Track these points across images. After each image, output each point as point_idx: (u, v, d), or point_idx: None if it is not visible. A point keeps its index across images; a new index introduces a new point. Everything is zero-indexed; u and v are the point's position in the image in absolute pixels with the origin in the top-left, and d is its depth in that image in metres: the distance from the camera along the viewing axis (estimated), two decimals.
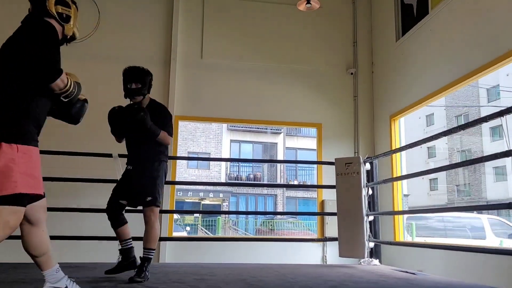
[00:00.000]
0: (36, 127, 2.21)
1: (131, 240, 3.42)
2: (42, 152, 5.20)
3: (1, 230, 2.07)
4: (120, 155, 4.60)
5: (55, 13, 2.36)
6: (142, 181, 3.28)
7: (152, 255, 3.26)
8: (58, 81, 2.19)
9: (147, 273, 3.16)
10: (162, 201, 3.43)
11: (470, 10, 4.93)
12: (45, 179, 5.30)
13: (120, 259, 3.40)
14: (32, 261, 2.30)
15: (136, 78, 3.39)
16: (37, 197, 2.15)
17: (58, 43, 2.38)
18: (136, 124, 3.19)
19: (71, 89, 2.35)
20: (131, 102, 3.45)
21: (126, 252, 3.38)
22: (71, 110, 2.49)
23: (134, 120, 3.18)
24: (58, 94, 2.27)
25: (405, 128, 6.83)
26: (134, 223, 3.78)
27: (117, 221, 3.37)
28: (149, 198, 3.23)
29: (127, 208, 3.50)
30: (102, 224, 5.29)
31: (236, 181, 22.57)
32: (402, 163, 6.46)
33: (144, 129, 3.20)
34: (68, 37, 2.57)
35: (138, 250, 3.45)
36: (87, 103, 2.68)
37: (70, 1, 2.51)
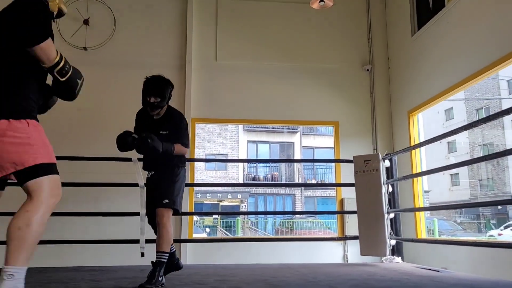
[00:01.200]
0: (36, 103, 2.25)
1: (173, 244, 3.37)
2: (62, 158, 5.31)
3: (53, 198, 2.07)
4: (140, 159, 4.65)
5: None
6: (162, 185, 3.29)
7: (165, 258, 3.14)
8: (43, 45, 2.03)
9: (159, 279, 3.03)
10: (181, 206, 3.42)
11: (486, 2, 4.83)
12: (65, 184, 5.40)
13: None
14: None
15: (156, 92, 3.34)
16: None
17: (47, 14, 2.23)
18: (149, 152, 3.20)
19: (62, 64, 2.17)
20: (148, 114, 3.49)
21: (169, 256, 3.31)
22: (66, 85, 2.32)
23: (146, 149, 3.15)
24: (50, 70, 2.15)
25: (424, 123, 6.75)
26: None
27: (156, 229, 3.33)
28: (166, 201, 3.20)
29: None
30: (122, 227, 5.39)
31: (254, 182, 22.58)
32: (422, 159, 6.37)
33: (157, 155, 3.18)
34: (55, 14, 2.37)
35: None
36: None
37: None
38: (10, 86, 2.06)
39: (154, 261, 3.10)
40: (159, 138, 3.17)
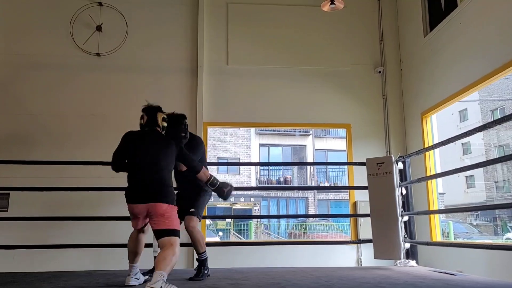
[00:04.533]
0: None
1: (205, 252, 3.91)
2: (78, 163, 5.36)
3: (176, 253, 3.07)
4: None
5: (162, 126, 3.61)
6: (191, 196, 3.88)
7: (203, 257, 3.81)
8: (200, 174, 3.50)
9: (205, 272, 3.76)
10: (201, 216, 3.92)
11: (501, 0, 4.77)
12: (77, 189, 5.45)
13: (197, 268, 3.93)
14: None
15: (184, 130, 3.95)
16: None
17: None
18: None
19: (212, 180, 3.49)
20: None
21: (201, 263, 3.89)
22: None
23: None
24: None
25: (438, 125, 6.67)
26: None
27: None
28: (192, 210, 3.80)
29: None
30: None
31: (267, 185, 22.54)
32: (436, 161, 6.30)
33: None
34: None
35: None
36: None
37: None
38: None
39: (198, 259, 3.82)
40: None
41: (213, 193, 3.83)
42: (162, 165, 3.26)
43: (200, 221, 3.89)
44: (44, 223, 5.41)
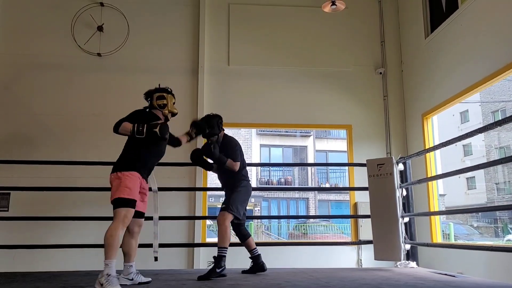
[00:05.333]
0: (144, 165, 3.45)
1: (256, 249, 4.19)
2: (80, 163, 5.37)
3: (121, 223, 3.06)
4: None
5: (157, 105, 3.69)
6: (227, 193, 4.12)
7: (223, 253, 3.81)
8: (120, 130, 3.58)
9: (217, 270, 3.73)
10: (237, 212, 3.97)
11: (501, 2, 4.77)
12: (77, 189, 5.47)
13: (252, 265, 4.20)
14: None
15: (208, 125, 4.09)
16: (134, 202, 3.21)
17: (135, 115, 3.67)
18: (209, 155, 4.04)
19: (136, 129, 3.47)
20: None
21: (255, 259, 4.18)
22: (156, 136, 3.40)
23: (208, 152, 4.01)
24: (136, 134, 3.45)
25: (439, 126, 6.66)
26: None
27: (240, 237, 4.19)
28: (223, 205, 3.95)
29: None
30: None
31: (267, 186, 22.53)
32: (437, 163, 6.29)
33: (214, 158, 4.01)
34: (169, 116, 3.72)
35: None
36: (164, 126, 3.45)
37: (165, 93, 3.75)
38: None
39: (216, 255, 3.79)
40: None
41: (251, 192, 4.24)
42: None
43: (234, 217, 3.93)
44: (45, 223, 5.42)
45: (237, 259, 6.00)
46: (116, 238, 2.97)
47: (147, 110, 3.68)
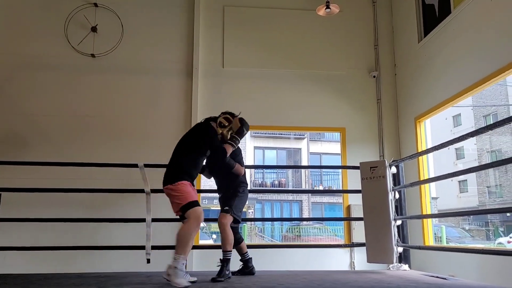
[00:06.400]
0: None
1: (247, 252, 4.24)
2: (70, 164, 5.33)
3: (195, 221, 3.34)
4: (146, 165, 4.68)
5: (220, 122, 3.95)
6: (227, 196, 4.06)
7: (226, 256, 3.80)
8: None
9: (226, 272, 3.73)
10: (239, 216, 4.00)
11: (494, 7, 4.82)
12: (71, 190, 5.42)
13: (241, 267, 4.23)
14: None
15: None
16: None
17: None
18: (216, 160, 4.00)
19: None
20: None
21: (245, 262, 4.22)
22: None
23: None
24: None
25: (432, 129, 6.71)
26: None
27: (234, 240, 4.03)
28: (226, 208, 3.92)
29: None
30: (128, 234, 5.41)
31: (261, 188, 22.52)
32: (429, 166, 6.33)
33: (223, 163, 3.99)
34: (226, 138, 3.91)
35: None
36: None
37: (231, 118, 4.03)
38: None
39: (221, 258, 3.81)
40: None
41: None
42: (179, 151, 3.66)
43: (234, 219, 3.94)
44: (37, 224, 5.37)
45: (231, 261, 6.00)
46: (187, 236, 3.27)
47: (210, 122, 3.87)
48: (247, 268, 4.21)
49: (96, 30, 6.65)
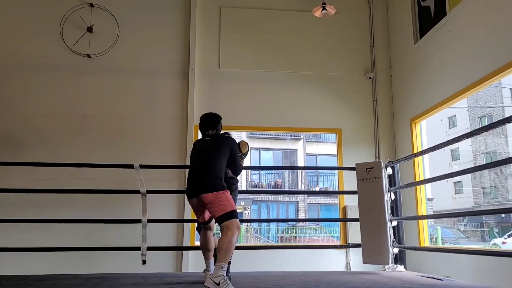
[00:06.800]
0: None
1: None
2: (66, 164, 5.31)
3: (237, 230, 3.39)
4: (142, 166, 4.66)
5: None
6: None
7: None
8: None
9: (228, 274, 3.67)
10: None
11: (489, 9, 4.84)
12: (67, 191, 5.40)
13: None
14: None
15: (211, 126, 3.97)
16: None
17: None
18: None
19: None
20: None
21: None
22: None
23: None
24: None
25: (427, 131, 6.74)
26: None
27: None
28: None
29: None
30: (123, 235, 5.38)
31: (257, 189, 22.52)
32: (425, 167, 6.35)
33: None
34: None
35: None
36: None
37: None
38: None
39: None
40: None
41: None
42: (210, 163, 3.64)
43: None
44: (32, 225, 5.34)
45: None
46: (231, 245, 3.32)
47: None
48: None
49: (92, 31, 6.63)
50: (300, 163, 23.25)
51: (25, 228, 5.42)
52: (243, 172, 23.45)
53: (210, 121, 3.89)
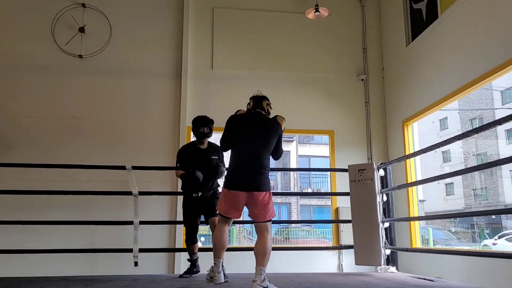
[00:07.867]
0: None
1: (197, 253, 4.40)
2: (56, 165, 5.27)
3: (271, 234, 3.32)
4: (134, 167, 4.64)
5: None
6: (215, 200, 4.17)
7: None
8: None
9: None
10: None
11: (480, 12, 4.89)
12: (58, 192, 5.34)
13: (190, 267, 4.40)
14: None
15: (206, 124, 4.39)
16: None
17: None
18: (217, 175, 4.23)
19: None
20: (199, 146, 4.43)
21: (193, 262, 4.40)
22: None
23: (218, 173, 4.21)
24: None
25: (419, 133, 6.77)
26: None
27: (196, 239, 4.31)
28: (218, 211, 3.84)
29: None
30: (115, 236, 5.35)
31: None
32: (417, 169, 6.39)
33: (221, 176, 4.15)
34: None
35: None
36: None
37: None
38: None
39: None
40: (211, 161, 4.28)
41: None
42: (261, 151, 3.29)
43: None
44: (22, 227, 5.29)
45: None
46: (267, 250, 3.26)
47: None
48: (194, 267, 4.39)
49: (84, 31, 6.58)
50: (293, 165, 23.27)
51: (15, 229, 5.36)
52: None
53: (261, 101, 3.85)
